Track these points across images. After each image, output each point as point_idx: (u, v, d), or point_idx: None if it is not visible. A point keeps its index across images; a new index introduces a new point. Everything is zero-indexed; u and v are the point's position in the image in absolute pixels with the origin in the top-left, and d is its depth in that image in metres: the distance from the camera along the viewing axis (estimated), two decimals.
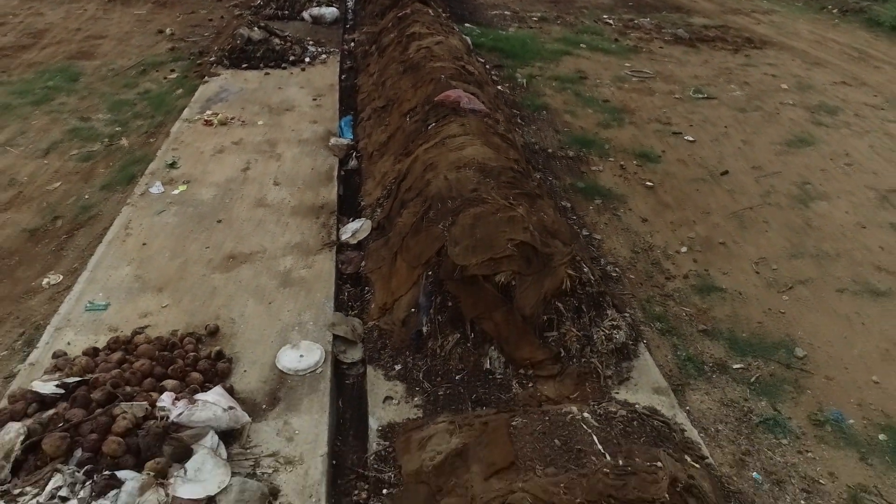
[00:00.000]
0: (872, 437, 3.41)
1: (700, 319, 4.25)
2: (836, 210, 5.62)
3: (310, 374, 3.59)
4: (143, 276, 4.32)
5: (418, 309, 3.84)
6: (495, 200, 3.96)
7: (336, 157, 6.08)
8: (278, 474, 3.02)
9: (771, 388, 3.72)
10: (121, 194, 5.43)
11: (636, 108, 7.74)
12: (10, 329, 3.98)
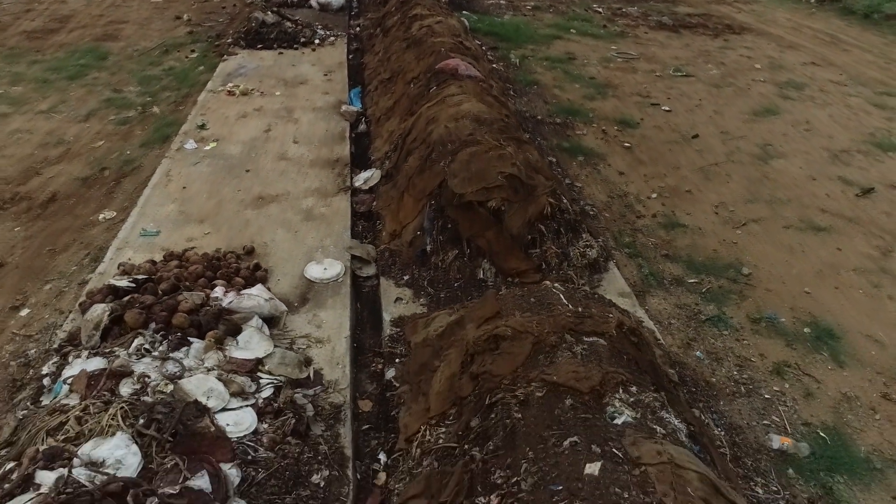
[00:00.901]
0: (799, 330, 4.14)
1: (663, 247, 4.98)
2: (792, 166, 6.34)
3: (332, 282, 4.31)
4: (186, 211, 5.03)
5: (423, 232, 4.56)
6: (488, 142, 4.68)
7: (347, 121, 6.79)
8: (311, 349, 3.73)
9: (719, 296, 4.44)
10: (158, 150, 6.13)
11: (619, 83, 8.46)
12: (77, 251, 4.69)
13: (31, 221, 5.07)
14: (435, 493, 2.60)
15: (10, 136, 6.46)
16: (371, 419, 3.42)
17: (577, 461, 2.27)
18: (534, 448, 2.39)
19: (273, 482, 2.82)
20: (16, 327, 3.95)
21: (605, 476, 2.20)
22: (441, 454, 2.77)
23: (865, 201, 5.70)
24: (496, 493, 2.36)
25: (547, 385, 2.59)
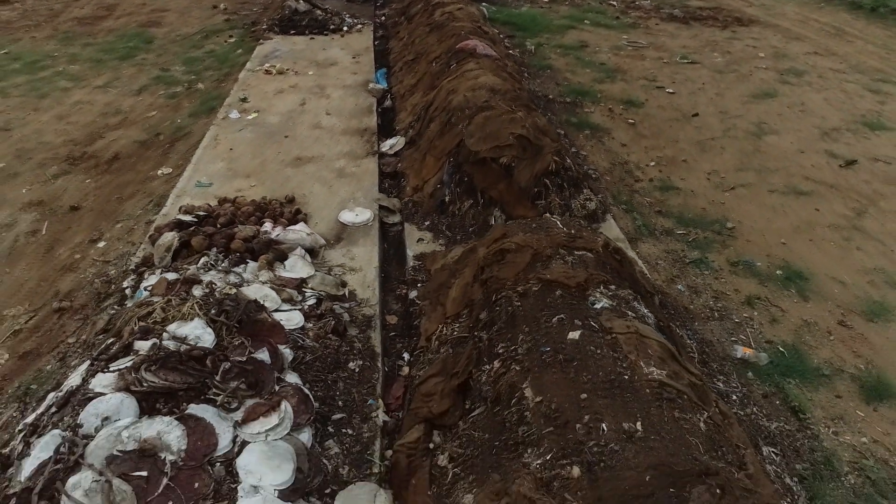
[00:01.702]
0: (772, 272, 4.69)
1: (657, 205, 5.55)
2: (783, 141, 6.86)
3: (363, 226, 4.95)
4: (234, 168, 5.71)
5: (442, 185, 5.18)
6: (500, 107, 5.30)
7: (374, 97, 7.44)
8: (345, 275, 4.37)
9: (703, 244, 5.01)
10: (205, 119, 6.83)
11: (628, 69, 9.01)
12: (141, 199, 5.39)
13: (99, 175, 5.79)
14: (449, 370, 3.23)
15: (73, 106, 7.21)
16: (397, 329, 4.06)
17: (562, 331, 2.89)
18: (529, 325, 3.01)
19: (318, 364, 3.47)
20: (95, 255, 4.65)
21: (583, 340, 2.81)
22: (455, 342, 3.40)
23: (848, 171, 6.21)
24: (498, 359, 2.98)
25: (542, 282, 3.20)
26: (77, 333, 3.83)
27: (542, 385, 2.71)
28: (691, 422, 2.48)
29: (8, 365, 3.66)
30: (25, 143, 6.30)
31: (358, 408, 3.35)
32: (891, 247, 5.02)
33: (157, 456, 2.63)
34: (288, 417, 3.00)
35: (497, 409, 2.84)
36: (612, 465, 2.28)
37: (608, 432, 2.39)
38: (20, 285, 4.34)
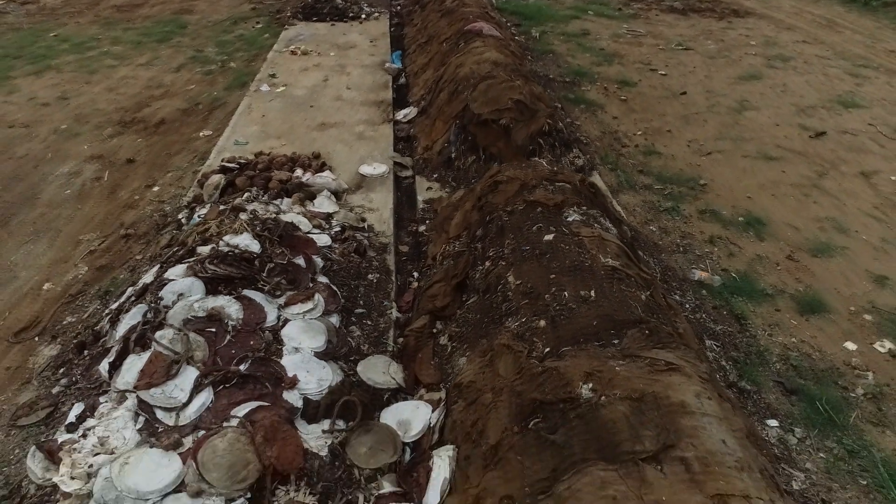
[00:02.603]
0: (735, 219, 5.38)
1: (639, 166, 6.25)
2: (762, 116, 7.52)
3: (379, 177, 5.71)
4: (266, 131, 6.49)
5: (449, 144, 5.92)
6: (502, 77, 6.03)
7: (390, 75, 8.20)
8: (365, 214, 5.13)
9: (677, 197, 5.71)
10: (239, 92, 7.63)
11: (625, 54, 9.70)
12: (187, 154, 6.19)
13: (149, 136, 6.59)
14: (450, 274, 3.97)
15: (120, 80, 8.04)
16: (408, 255, 4.81)
17: (539, 235, 3.62)
18: (514, 233, 3.74)
19: (343, 273, 4.23)
20: (151, 196, 5.45)
21: (555, 240, 3.54)
22: (455, 255, 4.14)
23: (816, 141, 6.87)
24: (489, 260, 3.72)
25: (526, 203, 3.93)
26: (143, 252, 4.61)
27: (522, 272, 3.44)
28: (634, 294, 3.20)
29: (87, 275, 4.45)
30: (82, 109, 7.12)
31: (375, 307, 4.10)
32: (844, 201, 5.69)
33: (222, 320, 3.40)
34: (320, 305, 3.76)
35: (487, 296, 3.58)
36: (570, 318, 3.01)
37: (568, 298, 3.12)
38: (90, 218, 5.13)
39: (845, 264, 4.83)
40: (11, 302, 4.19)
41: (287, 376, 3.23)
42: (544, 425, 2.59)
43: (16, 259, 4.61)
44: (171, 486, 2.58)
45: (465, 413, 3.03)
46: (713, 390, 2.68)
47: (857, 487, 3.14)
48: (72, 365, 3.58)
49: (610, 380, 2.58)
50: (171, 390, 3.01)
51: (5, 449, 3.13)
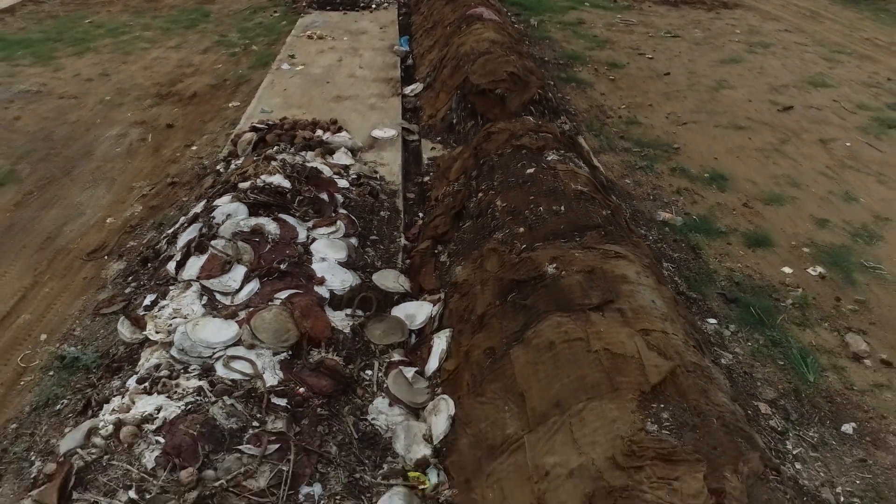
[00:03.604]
0: (701, 175, 6.13)
1: (620, 133, 7.01)
2: (736, 94, 8.26)
3: (389, 139, 6.49)
4: (288, 102, 7.28)
5: (451, 111, 6.70)
6: (498, 53, 6.80)
7: (398, 57, 8.98)
8: (377, 168, 5.91)
9: (651, 157, 6.46)
10: (262, 70, 8.43)
11: (617, 40, 10.45)
12: (219, 121, 6.98)
13: (184, 106, 7.40)
14: (450, 206, 4.74)
15: (154, 60, 8.85)
16: (414, 200, 5.58)
17: (523, 170, 4.39)
18: (503, 170, 4.51)
19: (359, 209, 5.00)
20: (191, 154, 6.25)
21: (536, 173, 4.31)
22: (454, 193, 4.91)
23: (784, 114, 7.60)
24: (481, 192, 4.49)
25: (514, 146, 4.70)
26: (188, 195, 5.41)
27: (507, 198, 4.21)
28: (597, 211, 3.96)
29: (142, 213, 5.25)
30: (122, 84, 7.94)
31: (387, 236, 4.88)
32: (800, 162, 6.43)
33: (263, 234, 4.18)
34: (341, 229, 4.54)
35: (479, 219, 4.35)
36: (543, 225, 3.78)
37: (543, 212, 3.89)
38: (140, 170, 5.93)
39: (793, 210, 5.58)
40: (81, 231, 4.99)
41: (316, 276, 4.01)
42: (519, 296, 3.36)
43: (81, 200, 5.42)
44: (232, 341, 3.36)
45: (459, 302, 3.81)
46: (651, 273, 3.44)
47: (775, 366, 3.89)
48: (138, 275, 4.38)
49: (570, 261, 3.35)
50: (226, 281, 3.80)
51: (93, 330, 3.93)
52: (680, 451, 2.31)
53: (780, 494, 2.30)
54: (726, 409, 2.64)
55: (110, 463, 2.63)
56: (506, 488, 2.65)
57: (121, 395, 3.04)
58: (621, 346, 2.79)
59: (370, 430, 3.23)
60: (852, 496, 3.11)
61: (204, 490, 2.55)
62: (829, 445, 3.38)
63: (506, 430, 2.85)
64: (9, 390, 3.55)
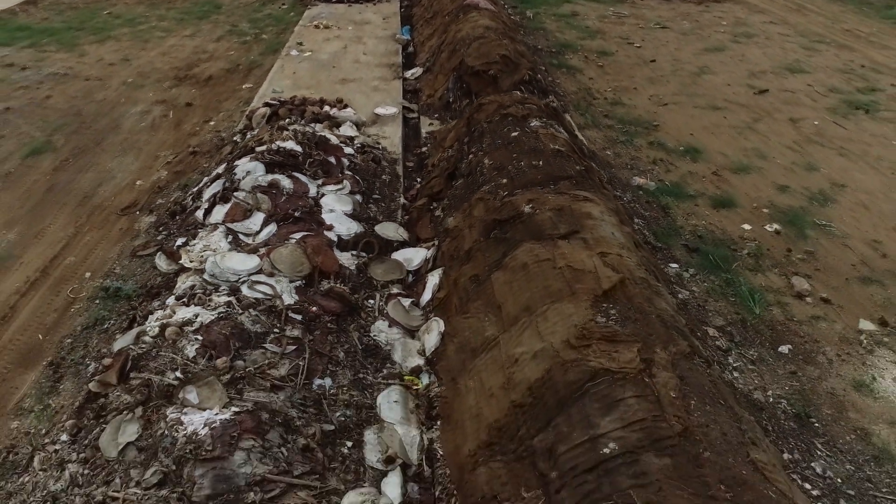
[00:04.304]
0: (676, 148, 6.68)
1: (605, 112, 7.56)
2: (717, 79, 8.80)
3: (391, 116, 7.06)
4: (298, 84, 7.85)
5: (448, 91, 7.26)
6: (492, 38, 7.36)
7: (400, 45, 9.55)
8: (379, 140, 6.47)
9: (632, 133, 7.02)
10: (272, 56, 9.00)
11: (608, 31, 11.00)
12: (234, 100, 7.56)
13: (200, 88, 7.98)
14: (444, 168, 5.30)
15: (171, 47, 9.44)
16: (412, 167, 6.15)
17: (509, 133, 4.95)
18: (491, 134, 5.08)
19: (363, 172, 5.56)
20: (209, 128, 6.82)
21: (519, 135, 4.87)
22: (448, 158, 5.47)
23: (759, 97, 8.14)
24: (472, 154, 5.06)
25: (501, 115, 5.26)
26: (208, 162, 5.98)
27: (494, 157, 4.77)
28: (572, 166, 4.52)
29: (167, 176, 5.82)
30: (143, 68, 8.53)
31: (388, 196, 5.45)
32: (769, 138, 6.97)
33: (279, 188, 4.76)
34: (347, 187, 5.11)
35: (469, 177, 4.91)
36: (523, 176, 4.34)
37: (524, 166, 4.45)
38: (163, 142, 6.51)
39: (758, 178, 6.13)
40: (114, 192, 5.57)
41: (325, 223, 4.58)
42: (499, 232, 3.93)
43: (112, 166, 6.00)
44: (254, 270, 3.93)
45: (450, 245, 4.37)
46: (615, 214, 4.00)
47: (726, 301, 4.45)
48: (167, 225, 4.95)
49: (543, 202, 3.92)
50: (248, 224, 4.37)
51: (132, 269, 4.50)
52: (621, 334, 2.87)
53: (702, 369, 2.86)
54: (666, 313, 3.20)
55: (158, 354, 3.21)
56: (483, 377, 3.21)
57: (162, 309, 3.61)
58: (581, 263, 3.35)
59: (372, 343, 3.80)
60: (780, 398, 3.66)
61: (235, 373, 3.12)
62: (766, 361, 3.93)
63: (485, 334, 3.42)
64: (62, 315, 4.13)
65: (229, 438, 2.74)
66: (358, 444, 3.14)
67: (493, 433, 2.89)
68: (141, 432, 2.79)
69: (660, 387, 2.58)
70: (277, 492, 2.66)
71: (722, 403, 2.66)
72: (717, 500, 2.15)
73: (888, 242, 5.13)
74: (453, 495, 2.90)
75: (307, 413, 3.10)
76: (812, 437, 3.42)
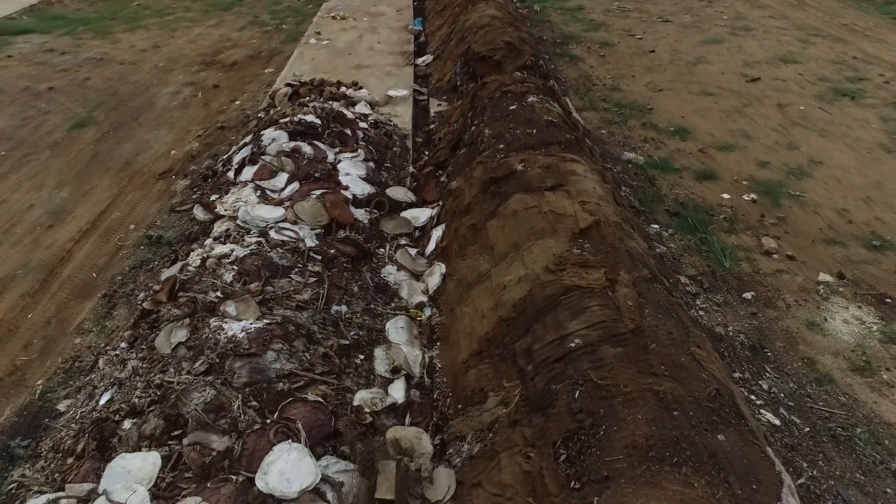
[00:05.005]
0: (667, 129, 7.18)
1: (603, 97, 8.07)
2: (712, 67, 9.27)
3: (402, 97, 7.61)
4: (316, 68, 8.43)
5: (455, 75, 7.80)
6: (496, 25, 7.89)
7: (412, 35, 10.11)
8: (391, 118, 7.03)
9: (627, 115, 7.52)
10: (292, 44, 9.60)
11: (611, 24, 11.48)
12: (257, 83, 8.16)
13: (226, 72, 8.58)
14: (449, 140, 5.85)
15: (197, 36, 10.07)
16: (421, 143, 6.70)
17: (507, 107, 5.48)
18: (492, 108, 5.61)
19: (376, 144, 6.12)
20: (235, 107, 7.42)
21: (517, 109, 5.40)
22: (453, 132, 6.01)
23: (751, 84, 8.60)
24: (474, 125, 5.60)
25: (502, 92, 5.79)
26: (235, 135, 6.57)
27: (493, 127, 5.31)
28: (562, 134, 5.04)
29: (199, 147, 6.42)
30: (172, 54, 9.15)
31: (398, 165, 6.00)
32: (756, 121, 7.44)
33: (301, 153, 5.32)
34: (361, 155, 5.67)
35: (471, 147, 5.45)
36: (517, 142, 4.87)
37: (518, 133, 4.99)
38: (194, 118, 7.12)
39: (741, 155, 6.61)
40: (152, 160, 6.18)
41: (342, 184, 5.14)
42: (495, 187, 4.47)
43: (148, 138, 6.61)
44: (280, 219, 4.49)
45: (453, 203, 4.92)
46: (598, 174, 4.52)
47: (700, 256, 4.95)
48: (201, 187, 5.54)
49: (534, 161, 4.45)
50: (274, 182, 4.94)
51: (171, 221, 5.10)
52: (592, 261, 3.40)
53: (660, 291, 3.38)
54: (635, 251, 3.72)
55: (201, 279, 3.78)
56: (477, 303, 3.76)
57: (201, 247, 4.18)
58: (563, 209, 3.88)
59: (382, 282, 4.36)
60: (739, 333, 4.17)
61: (266, 296, 3.68)
62: (730, 304, 4.44)
63: (480, 270, 3.96)
64: (111, 258, 4.72)
65: (263, 341, 3.30)
66: (369, 357, 3.69)
67: (483, 343, 3.43)
68: (189, 336, 3.36)
69: (620, 298, 3.11)
70: (302, 383, 3.22)
71: (674, 317, 3.18)
72: (657, 375, 2.68)
73: (855, 211, 5.61)
74: (448, 396, 3.44)
75: (326, 330, 3.66)
76: (763, 363, 3.93)
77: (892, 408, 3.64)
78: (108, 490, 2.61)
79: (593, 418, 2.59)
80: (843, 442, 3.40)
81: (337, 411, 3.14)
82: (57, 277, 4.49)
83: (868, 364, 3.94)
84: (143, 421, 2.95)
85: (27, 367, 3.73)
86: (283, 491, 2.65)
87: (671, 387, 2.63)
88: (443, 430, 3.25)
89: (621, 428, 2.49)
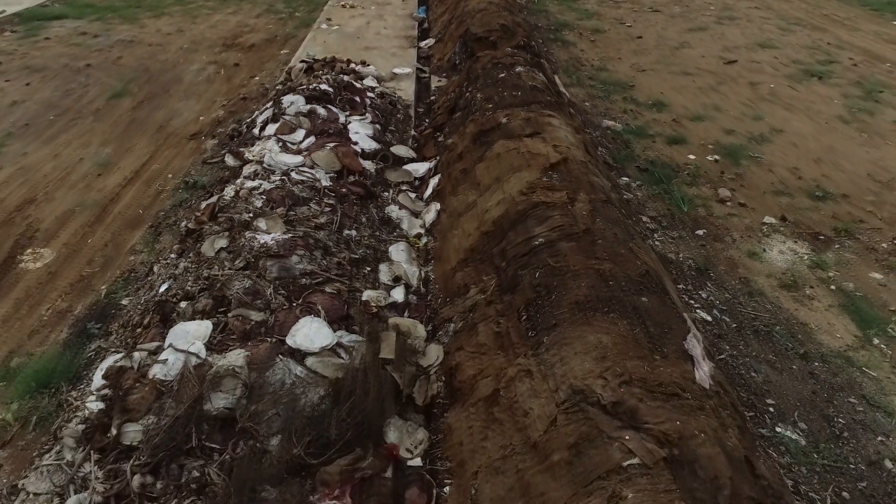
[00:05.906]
0: (646, 102, 7.93)
1: (590, 76, 8.81)
2: (694, 52, 9.99)
3: (406, 74, 8.38)
4: (328, 50, 9.20)
5: (454, 54, 8.57)
6: (493, 9, 8.66)
7: (416, 21, 10.88)
8: (397, 92, 7.80)
9: (611, 91, 8.26)
10: (305, 29, 10.38)
11: (604, 13, 12.22)
12: (274, 62, 8.94)
13: (245, 53, 9.38)
14: (447, 105, 6.61)
15: (217, 21, 10.87)
16: (422, 113, 7.46)
17: (497, 75, 6.24)
18: (484, 76, 6.37)
19: (381, 110, 6.89)
20: (255, 82, 8.20)
21: (505, 76, 6.16)
22: (450, 99, 6.78)
23: (728, 66, 9.33)
24: (468, 92, 6.36)
25: (493, 63, 6.55)
26: (256, 105, 7.35)
27: (484, 92, 6.07)
28: (544, 96, 5.79)
29: (224, 114, 7.20)
30: (195, 38, 9.95)
31: (401, 129, 6.77)
32: (728, 96, 8.17)
33: (316, 114, 6.10)
34: (369, 118, 6.44)
35: (465, 110, 6.21)
36: (504, 102, 5.63)
37: (505, 95, 5.74)
38: (218, 91, 7.91)
39: (710, 125, 7.34)
40: (183, 124, 6.97)
41: (352, 140, 5.91)
42: (483, 138, 5.23)
43: (178, 107, 7.40)
44: (300, 164, 5.26)
45: (448, 155, 5.68)
46: (572, 127, 5.28)
47: (662, 203, 5.69)
48: (228, 145, 6.32)
49: (516, 115, 5.21)
50: (293, 137, 5.71)
51: (204, 171, 5.88)
52: (557, 185, 4.15)
53: (613, 209, 4.13)
54: (596, 183, 4.48)
55: (236, 204, 4.55)
56: (465, 227, 4.52)
57: (233, 185, 4.96)
58: (538, 149, 4.64)
59: (386, 217, 5.12)
60: (688, 258, 4.91)
61: (289, 218, 4.45)
62: (683, 238, 5.18)
63: (468, 202, 4.72)
64: (154, 199, 5.51)
65: (288, 247, 4.07)
66: (374, 270, 4.46)
67: (468, 253, 4.19)
68: (229, 244, 4.14)
69: (577, 210, 3.86)
70: (321, 279, 3.98)
71: (621, 226, 3.93)
72: (600, 258, 3.44)
73: (805, 169, 6.34)
74: (439, 297, 4.20)
75: (339, 246, 4.43)
76: (706, 280, 4.67)
77: (810, 314, 4.38)
78: (173, 343, 3.39)
79: (548, 289, 3.35)
80: (763, 335, 4.14)
81: (349, 301, 3.90)
82: (109, 213, 5.28)
83: (794, 283, 4.67)
84: (196, 301, 3.72)
85: (91, 277, 4.51)
86: (307, 346, 3.42)
87: (609, 266, 3.38)
88: (434, 320, 4.01)
89: (568, 292, 3.25)
